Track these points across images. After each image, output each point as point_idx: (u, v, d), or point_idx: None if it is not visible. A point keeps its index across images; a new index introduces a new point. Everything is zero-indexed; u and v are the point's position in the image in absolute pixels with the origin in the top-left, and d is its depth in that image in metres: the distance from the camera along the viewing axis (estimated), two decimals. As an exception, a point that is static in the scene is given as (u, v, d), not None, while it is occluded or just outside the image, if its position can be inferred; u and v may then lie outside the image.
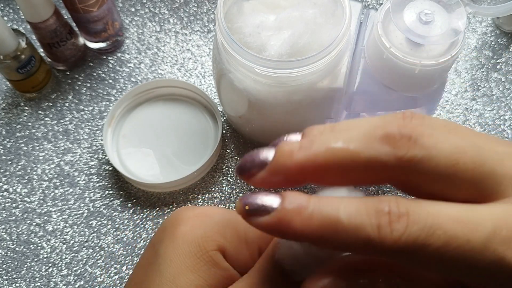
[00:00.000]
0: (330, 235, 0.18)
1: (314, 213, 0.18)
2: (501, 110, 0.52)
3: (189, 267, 0.24)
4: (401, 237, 0.17)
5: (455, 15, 0.34)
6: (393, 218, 0.18)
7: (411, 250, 0.18)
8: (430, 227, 0.18)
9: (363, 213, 0.18)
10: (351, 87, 0.39)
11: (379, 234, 0.18)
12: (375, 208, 0.18)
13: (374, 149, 0.18)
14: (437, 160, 0.18)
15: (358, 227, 0.18)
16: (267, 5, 0.39)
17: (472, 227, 0.18)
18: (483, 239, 0.17)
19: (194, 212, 0.26)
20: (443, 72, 0.36)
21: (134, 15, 0.59)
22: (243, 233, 0.25)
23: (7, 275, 0.46)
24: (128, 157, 0.50)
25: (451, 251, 0.17)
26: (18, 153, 0.52)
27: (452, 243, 0.17)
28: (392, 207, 0.18)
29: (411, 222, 0.18)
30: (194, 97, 0.53)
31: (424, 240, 0.17)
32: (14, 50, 0.49)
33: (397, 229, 0.18)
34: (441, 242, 0.17)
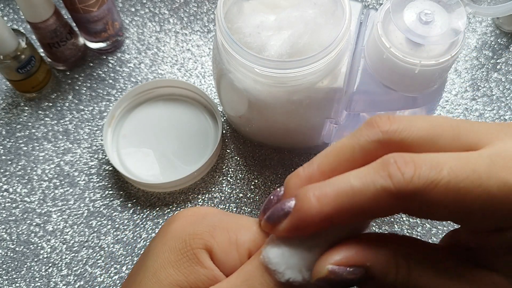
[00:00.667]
0: (348, 204, 0.20)
1: (327, 191, 0.20)
2: (501, 110, 0.52)
3: (172, 262, 0.24)
4: (413, 178, 0.19)
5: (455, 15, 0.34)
6: (400, 165, 0.19)
7: (424, 189, 0.19)
8: (437, 165, 0.19)
9: (372, 172, 0.20)
10: (351, 87, 0.39)
11: (392, 181, 0.19)
12: (381, 163, 0.20)
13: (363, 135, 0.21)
14: (418, 126, 0.21)
15: (370, 184, 0.20)
16: (267, 5, 0.39)
17: (473, 160, 0.20)
18: (485, 167, 0.19)
19: (189, 211, 0.26)
20: (443, 72, 0.36)
21: (134, 15, 0.59)
22: (234, 236, 0.24)
23: (7, 275, 0.46)
24: (128, 157, 0.50)
25: (460, 183, 0.19)
26: (18, 153, 0.52)
27: (460, 175, 0.19)
28: (397, 157, 0.20)
29: (418, 165, 0.19)
30: (194, 97, 0.53)
31: (435, 176, 0.19)
32: (14, 50, 0.49)
33: (408, 172, 0.19)
34: (450, 176, 0.19)
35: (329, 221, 0.21)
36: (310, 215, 0.21)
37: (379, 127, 0.21)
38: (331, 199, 0.20)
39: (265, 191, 0.49)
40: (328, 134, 0.45)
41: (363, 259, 0.21)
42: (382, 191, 0.20)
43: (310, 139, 0.46)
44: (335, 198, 0.20)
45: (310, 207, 0.21)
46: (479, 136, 0.21)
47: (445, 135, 0.21)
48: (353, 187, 0.20)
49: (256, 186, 0.49)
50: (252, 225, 0.25)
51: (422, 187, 0.19)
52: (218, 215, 0.26)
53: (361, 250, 0.21)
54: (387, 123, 0.21)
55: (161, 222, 0.48)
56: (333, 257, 0.21)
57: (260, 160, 0.50)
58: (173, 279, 0.23)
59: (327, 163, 0.22)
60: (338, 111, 0.40)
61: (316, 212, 0.21)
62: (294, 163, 0.50)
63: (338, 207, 0.20)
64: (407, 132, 0.21)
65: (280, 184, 0.49)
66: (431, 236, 0.47)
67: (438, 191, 0.19)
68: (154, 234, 0.48)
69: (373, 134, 0.21)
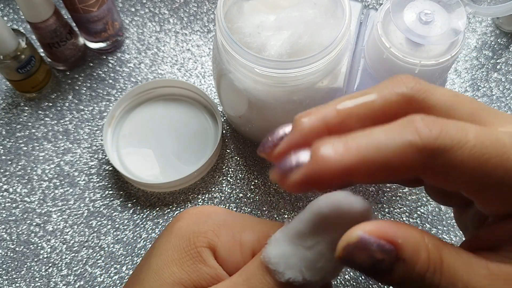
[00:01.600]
0: (372, 156, 0.19)
1: (349, 142, 0.19)
2: (501, 110, 0.52)
3: (175, 260, 0.24)
4: (441, 134, 0.19)
5: (455, 15, 0.34)
6: (428, 122, 0.19)
7: (450, 148, 0.19)
8: (463, 128, 0.19)
9: (398, 127, 0.19)
10: (351, 87, 0.39)
11: (420, 135, 0.19)
12: (408, 120, 0.19)
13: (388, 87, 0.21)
14: (442, 92, 0.21)
15: (397, 138, 0.19)
16: (267, 5, 0.39)
17: (495, 131, 0.20)
18: (509, 139, 0.19)
19: (195, 210, 0.26)
20: (443, 72, 0.36)
21: (134, 15, 0.59)
22: (238, 235, 0.24)
23: (7, 275, 0.46)
24: (128, 157, 0.50)
25: (485, 148, 0.19)
26: (18, 153, 0.52)
27: (485, 141, 0.19)
28: (424, 116, 0.19)
29: (445, 125, 0.19)
30: (194, 97, 0.53)
31: (461, 137, 0.19)
32: (14, 50, 0.49)
33: (435, 128, 0.19)
34: (475, 141, 0.19)
35: (349, 176, 0.19)
36: (329, 165, 0.19)
37: (404, 83, 0.21)
38: (354, 150, 0.19)
39: (265, 191, 0.49)
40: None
41: (395, 234, 0.19)
42: (408, 144, 0.19)
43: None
44: (358, 149, 0.19)
45: (329, 156, 0.19)
46: (495, 118, 0.21)
47: (464, 108, 0.21)
48: (379, 140, 0.19)
49: (256, 186, 0.49)
50: (257, 225, 0.25)
51: (449, 145, 0.19)
52: (223, 215, 0.26)
53: (393, 226, 0.19)
54: (413, 81, 0.21)
55: (161, 222, 0.48)
56: (366, 226, 0.19)
57: (260, 160, 0.50)
58: (176, 277, 0.23)
59: (345, 106, 0.21)
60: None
61: (335, 161, 0.19)
62: (294, 163, 0.50)
63: (361, 159, 0.19)
64: (431, 93, 0.21)
65: (280, 184, 0.49)
66: (431, 236, 0.47)
67: (463, 152, 0.19)
68: (154, 234, 0.48)
69: (398, 87, 0.21)
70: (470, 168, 0.19)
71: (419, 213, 0.48)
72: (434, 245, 0.20)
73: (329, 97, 0.39)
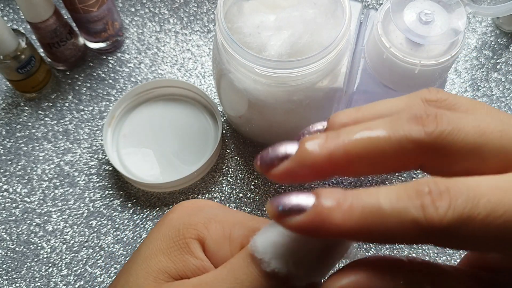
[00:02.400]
0: (373, 225, 0.18)
1: (353, 204, 0.18)
2: (501, 110, 0.52)
3: (163, 249, 0.24)
4: (447, 213, 0.17)
5: (455, 15, 0.34)
6: (435, 197, 0.18)
7: (458, 225, 0.17)
8: (473, 197, 0.17)
9: (404, 197, 0.18)
10: (351, 87, 0.39)
11: (425, 214, 0.17)
12: (415, 191, 0.18)
13: (403, 130, 0.19)
14: (466, 131, 0.18)
15: (401, 211, 0.18)
16: (267, 5, 0.39)
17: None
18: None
19: (189, 202, 0.26)
20: (443, 72, 0.36)
21: (134, 15, 0.59)
22: (228, 230, 0.24)
23: (7, 275, 0.46)
24: (128, 157, 0.50)
25: (498, 218, 0.17)
26: (18, 153, 0.52)
27: (498, 210, 0.17)
28: (432, 186, 0.18)
29: (454, 197, 0.18)
30: (194, 97, 0.53)
31: (470, 211, 0.17)
32: (14, 50, 0.49)
33: (442, 205, 0.17)
34: (487, 211, 0.17)
35: (347, 236, 0.19)
36: (329, 224, 0.19)
37: (424, 126, 0.18)
38: (357, 215, 0.18)
39: (265, 191, 0.49)
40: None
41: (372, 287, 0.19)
42: (412, 222, 0.18)
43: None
44: (361, 215, 0.18)
45: (331, 215, 0.19)
46: None
47: (491, 147, 0.19)
48: (383, 210, 0.18)
49: (256, 186, 0.49)
50: (248, 221, 0.24)
51: (456, 222, 0.17)
52: (215, 209, 0.26)
53: (372, 277, 0.19)
54: (433, 123, 0.19)
55: (161, 222, 0.48)
56: (341, 281, 0.19)
57: (260, 160, 0.50)
58: (162, 266, 0.24)
59: (355, 145, 0.20)
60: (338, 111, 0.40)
61: (336, 223, 0.19)
62: (294, 163, 0.50)
63: (362, 225, 0.18)
64: (453, 138, 0.18)
65: (280, 184, 0.49)
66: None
67: (474, 226, 0.18)
68: (154, 234, 0.48)
69: (416, 133, 0.19)
70: (486, 237, 0.18)
71: (419, 213, 0.48)
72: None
73: (329, 97, 0.39)
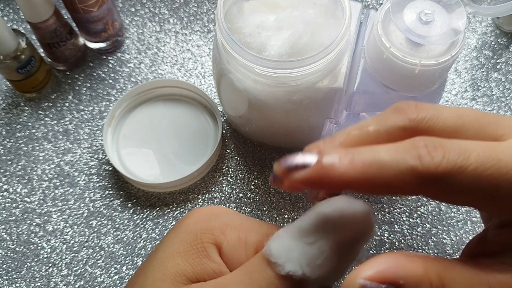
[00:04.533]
0: (374, 174, 0.20)
1: (355, 157, 0.20)
2: (501, 110, 0.52)
3: (180, 253, 0.24)
4: (442, 162, 0.20)
5: (455, 15, 0.34)
6: (430, 149, 0.20)
7: (452, 174, 0.19)
8: (465, 151, 0.20)
9: (402, 150, 0.20)
10: (351, 87, 0.39)
11: (421, 162, 0.20)
12: (412, 145, 0.20)
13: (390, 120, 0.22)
14: (445, 116, 0.21)
15: (400, 161, 0.20)
16: (267, 5, 0.39)
17: (499, 149, 0.20)
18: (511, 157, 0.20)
19: (205, 209, 0.27)
20: (443, 72, 0.36)
21: (134, 15, 0.59)
22: (244, 236, 0.25)
23: (7, 275, 0.46)
24: (128, 157, 0.50)
25: (487, 170, 0.19)
26: (18, 153, 0.52)
27: (487, 163, 0.20)
28: (427, 141, 0.20)
29: (447, 150, 0.20)
30: (194, 97, 0.53)
31: (462, 162, 0.19)
32: (14, 50, 0.49)
33: (437, 155, 0.20)
34: (477, 163, 0.19)
35: (350, 186, 0.21)
36: (333, 174, 0.21)
37: (406, 114, 0.21)
38: (358, 166, 0.20)
39: (265, 191, 0.49)
40: (328, 134, 0.45)
41: (396, 276, 0.20)
42: (410, 169, 0.20)
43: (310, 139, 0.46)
44: (362, 166, 0.20)
45: (334, 165, 0.21)
46: (504, 129, 0.21)
47: (471, 127, 0.21)
48: (382, 160, 0.20)
49: (256, 186, 0.49)
50: (262, 227, 0.26)
51: (450, 171, 0.19)
52: (230, 215, 0.26)
53: (394, 266, 0.20)
54: (415, 111, 0.21)
55: (161, 222, 0.48)
56: (366, 272, 0.20)
57: (260, 160, 0.50)
58: (180, 269, 0.24)
59: (350, 142, 0.22)
60: (338, 111, 0.40)
61: (339, 172, 0.21)
62: (294, 163, 0.50)
63: (364, 175, 0.20)
64: (434, 121, 0.21)
65: (280, 184, 0.49)
66: (431, 236, 0.47)
67: (465, 176, 0.20)
68: (154, 234, 0.48)
69: (400, 121, 0.21)
70: (474, 188, 0.20)
71: (419, 213, 0.48)
72: (436, 274, 0.20)
73: (329, 97, 0.39)
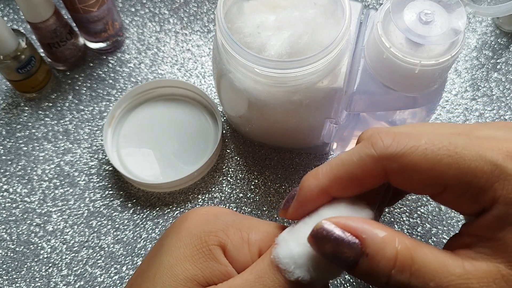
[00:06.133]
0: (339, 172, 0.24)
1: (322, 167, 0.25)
2: (501, 110, 0.52)
3: (188, 257, 0.25)
4: (392, 143, 0.22)
5: (455, 15, 0.34)
6: (382, 136, 0.23)
7: (402, 153, 0.22)
8: (416, 135, 0.22)
9: (358, 146, 0.24)
10: (351, 87, 0.39)
11: (374, 148, 0.23)
12: (367, 137, 0.24)
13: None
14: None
15: (356, 153, 0.23)
16: (267, 5, 0.39)
17: (451, 136, 0.22)
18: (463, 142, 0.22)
19: (202, 210, 0.27)
20: (443, 72, 0.36)
21: (134, 15, 0.59)
22: (246, 235, 0.26)
23: (7, 275, 0.46)
24: (128, 157, 0.50)
25: (438, 150, 0.22)
26: (18, 153, 0.52)
27: (437, 144, 0.22)
28: (380, 130, 0.23)
29: (398, 135, 0.23)
30: (194, 97, 0.53)
31: (413, 143, 0.22)
32: (14, 50, 0.49)
33: (387, 139, 0.23)
34: (427, 144, 0.22)
35: (327, 192, 0.24)
36: (310, 190, 0.24)
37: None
38: (326, 172, 0.24)
39: (265, 191, 0.49)
40: (328, 134, 0.45)
41: (361, 230, 0.21)
42: (366, 156, 0.23)
43: (310, 139, 0.46)
44: (329, 171, 0.24)
45: (309, 183, 0.24)
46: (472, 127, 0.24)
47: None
48: (343, 159, 0.23)
49: (256, 186, 0.49)
50: (262, 226, 0.26)
51: (401, 151, 0.22)
52: (230, 215, 0.27)
53: (363, 222, 0.22)
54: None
55: (161, 222, 0.48)
56: (334, 218, 0.22)
57: (260, 160, 0.50)
58: (190, 274, 0.24)
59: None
60: (338, 111, 0.40)
61: (314, 185, 0.24)
62: (294, 163, 0.50)
63: (332, 177, 0.23)
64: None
65: (280, 184, 0.49)
66: (431, 236, 0.47)
67: (417, 155, 0.22)
68: (154, 234, 0.48)
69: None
70: (427, 168, 0.22)
71: (419, 213, 0.48)
72: (405, 246, 0.21)
73: (329, 97, 0.39)
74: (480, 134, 0.23)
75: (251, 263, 0.25)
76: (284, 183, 0.49)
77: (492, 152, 0.21)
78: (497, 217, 0.21)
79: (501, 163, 0.21)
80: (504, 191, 0.21)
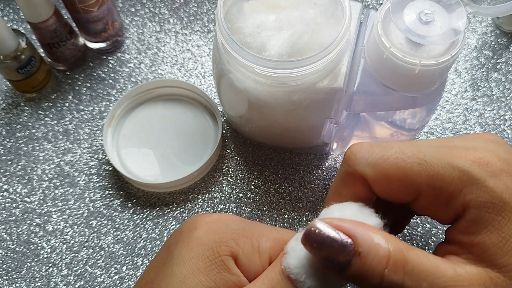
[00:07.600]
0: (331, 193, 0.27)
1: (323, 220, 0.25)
2: (501, 110, 0.52)
3: (201, 269, 0.24)
4: (363, 155, 0.25)
5: (455, 15, 0.34)
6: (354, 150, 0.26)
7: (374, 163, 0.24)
8: (386, 146, 0.25)
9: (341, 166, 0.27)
10: (351, 87, 0.39)
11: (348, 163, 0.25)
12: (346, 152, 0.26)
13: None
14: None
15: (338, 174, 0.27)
16: (267, 5, 0.39)
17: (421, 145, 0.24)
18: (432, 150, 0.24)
19: (211, 218, 0.27)
20: (443, 72, 0.36)
21: (134, 15, 0.59)
22: (256, 243, 0.25)
23: (7, 275, 0.46)
24: (128, 157, 0.50)
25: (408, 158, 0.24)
26: (18, 153, 0.52)
27: (407, 152, 0.24)
28: (353, 145, 0.26)
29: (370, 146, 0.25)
30: (194, 97, 0.53)
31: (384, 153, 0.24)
32: (14, 50, 0.49)
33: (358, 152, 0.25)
34: (397, 154, 0.24)
35: None
36: None
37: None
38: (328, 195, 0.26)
39: (265, 191, 0.49)
40: (328, 134, 0.45)
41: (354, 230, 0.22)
42: (344, 173, 0.25)
43: (310, 139, 0.46)
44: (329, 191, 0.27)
45: None
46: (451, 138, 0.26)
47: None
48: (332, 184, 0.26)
49: (256, 186, 0.49)
50: (271, 232, 0.26)
51: (372, 161, 0.23)
52: (239, 223, 0.27)
53: (357, 223, 0.22)
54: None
55: (161, 222, 0.48)
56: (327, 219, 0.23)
57: (260, 160, 0.50)
58: (204, 286, 0.24)
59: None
60: (338, 111, 0.40)
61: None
62: (294, 163, 0.50)
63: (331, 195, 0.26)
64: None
65: (280, 184, 0.49)
66: (431, 236, 0.47)
67: (388, 164, 0.23)
68: (154, 234, 0.48)
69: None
70: (399, 176, 0.23)
71: (419, 213, 0.48)
72: (398, 246, 0.21)
73: (329, 97, 0.39)
74: (450, 144, 0.24)
75: (262, 271, 0.25)
76: (284, 183, 0.49)
77: (460, 159, 0.22)
78: (470, 221, 0.22)
79: (468, 169, 0.22)
80: (474, 195, 0.21)
